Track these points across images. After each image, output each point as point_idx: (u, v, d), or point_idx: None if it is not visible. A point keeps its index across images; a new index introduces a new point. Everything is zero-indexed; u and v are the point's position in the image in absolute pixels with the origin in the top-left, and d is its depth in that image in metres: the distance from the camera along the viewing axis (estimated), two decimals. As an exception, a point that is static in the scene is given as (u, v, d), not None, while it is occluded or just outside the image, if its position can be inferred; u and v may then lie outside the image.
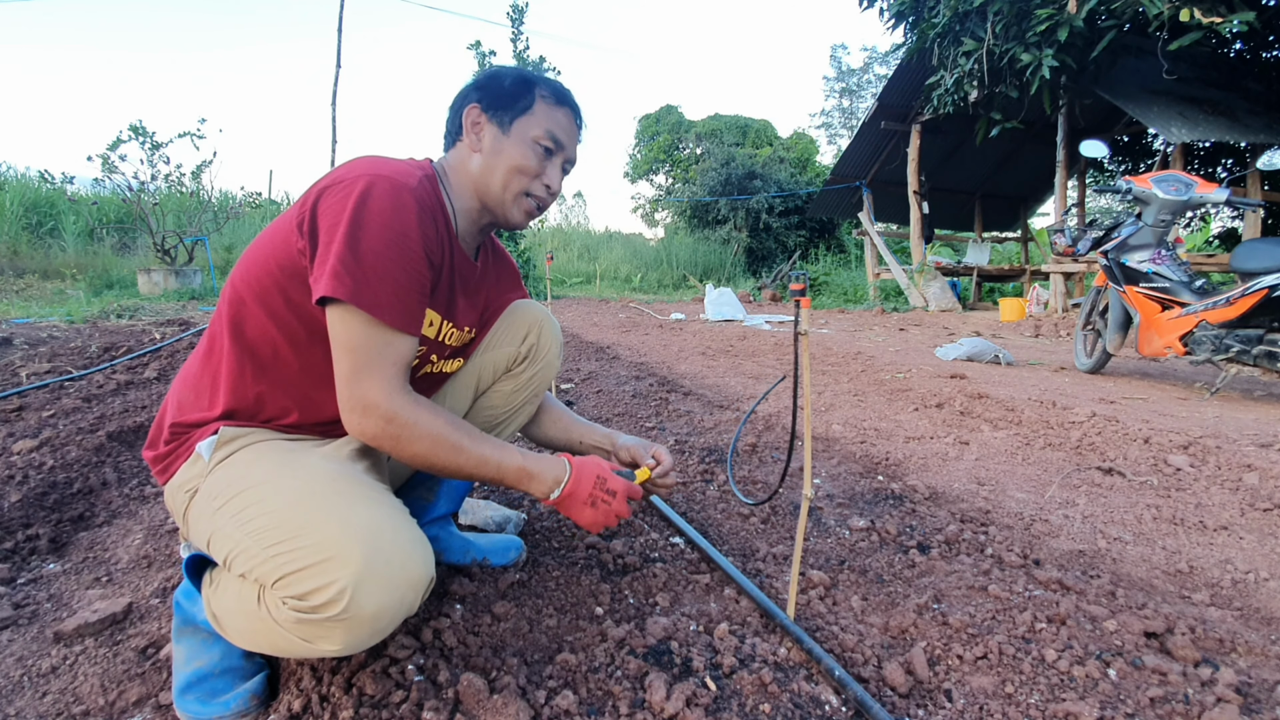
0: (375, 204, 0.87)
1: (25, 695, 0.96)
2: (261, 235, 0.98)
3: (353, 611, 0.74)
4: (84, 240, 9.86)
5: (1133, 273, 3.32)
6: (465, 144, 1.06)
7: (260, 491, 0.84)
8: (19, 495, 1.64)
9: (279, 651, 0.82)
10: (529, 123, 1.05)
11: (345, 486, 0.85)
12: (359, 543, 0.76)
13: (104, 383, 2.98)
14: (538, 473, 1.00)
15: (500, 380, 1.27)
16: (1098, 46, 5.54)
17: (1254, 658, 1.04)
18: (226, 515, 0.84)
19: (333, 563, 0.75)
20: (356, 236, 0.86)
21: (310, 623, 0.75)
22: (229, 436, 0.92)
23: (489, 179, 1.04)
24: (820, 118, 28.90)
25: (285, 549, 0.77)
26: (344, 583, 0.74)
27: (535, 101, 1.05)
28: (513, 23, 11.39)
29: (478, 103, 1.05)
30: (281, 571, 0.76)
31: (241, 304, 0.95)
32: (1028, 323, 6.70)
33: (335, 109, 9.53)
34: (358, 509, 0.81)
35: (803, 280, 0.97)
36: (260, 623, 0.80)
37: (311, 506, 0.80)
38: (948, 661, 1.02)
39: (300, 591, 0.75)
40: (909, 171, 9.10)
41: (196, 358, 1.00)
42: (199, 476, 0.91)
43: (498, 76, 1.06)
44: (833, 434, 2.44)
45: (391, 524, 0.81)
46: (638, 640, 1.04)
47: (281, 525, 0.79)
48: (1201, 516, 1.63)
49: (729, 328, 6.46)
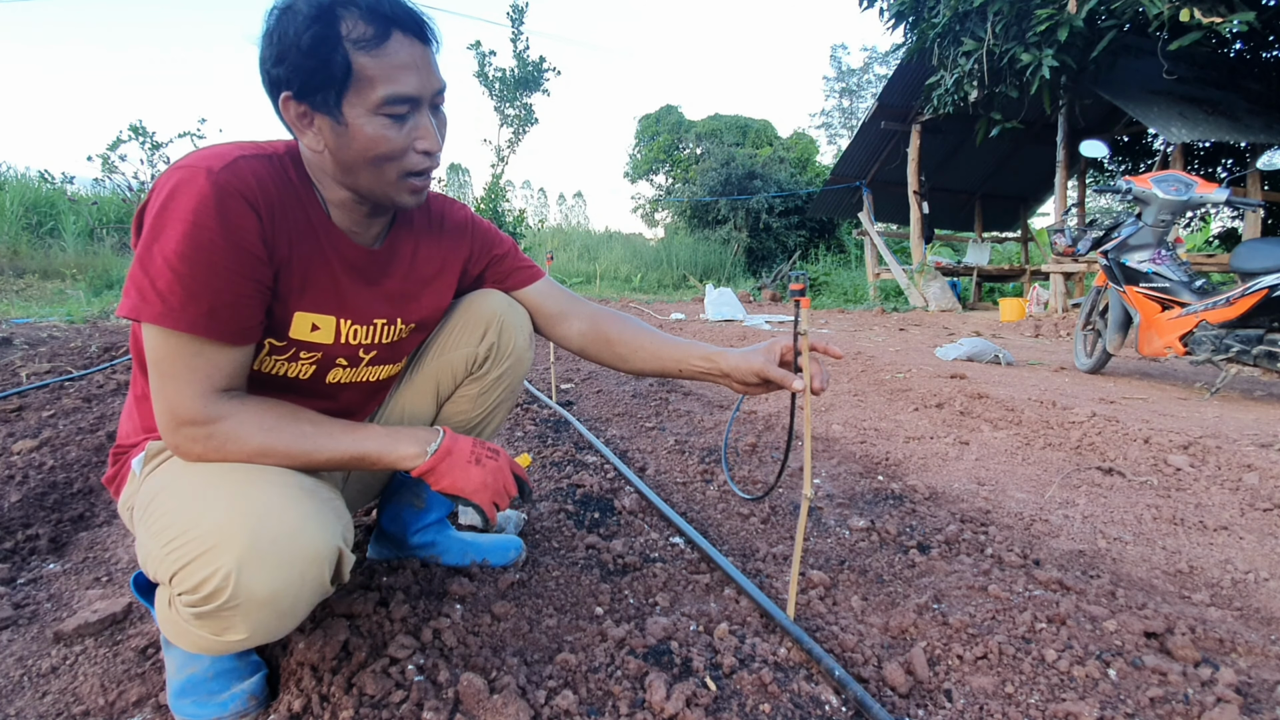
0: (177, 203, 0.75)
1: (25, 695, 0.96)
2: None
3: (243, 596, 0.71)
4: (84, 240, 9.86)
5: (1133, 273, 3.32)
6: (305, 140, 0.85)
7: (164, 495, 0.82)
8: (19, 495, 1.64)
9: (202, 649, 0.82)
10: (361, 95, 0.79)
11: (243, 475, 0.79)
12: (242, 527, 0.72)
13: (104, 383, 2.98)
14: (402, 439, 0.89)
15: (463, 385, 1.14)
16: (1098, 46, 5.54)
17: (1254, 658, 1.04)
18: (141, 524, 0.84)
19: (214, 551, 0.71)
20: (151, 244, 0.75)
21: (207, 615, 0.74)
22: (155, 450, 0.91)
23: (351, 177, 0.86)
24: (820, 118, 28.91)
25: (175, 545, 0.74)
26: (227, 568, 0.70)
27: (350, 60, 0.78)
28: (513, 23, 11.40)
29: (288, 90, 0.80)
30: (173, 568, 0.74)
31: (135, 338, 0.91)
32: (1028, 323, 6.70)
33: (335, 109, 9.50)
34: (247, 493, 0.76)
35: (802, 280, 0.97)
36: (175, 624, 0.80)
37: (203, 500, 0.77)
38: (948, 661, 1.02)
39: (190, 585, 0.73)
40: (909, 171, 9.10)
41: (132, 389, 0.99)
42: (134, 493, 0.91)
43: (288, 38, 0.77)
44: (833, 434, 2.44)
45: (283, 501, 0.76)
46: (638, 640, 1.04)
47: (175, 523, 0.76)
48: (1201, 516, 1.63)
49: (729, 328, 6.46)
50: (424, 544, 1.29)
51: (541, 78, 11.75)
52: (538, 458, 2.05)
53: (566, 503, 1.65)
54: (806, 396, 1.00)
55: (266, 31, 0.80)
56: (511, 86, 11.65)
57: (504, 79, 11.61)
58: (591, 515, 1.59)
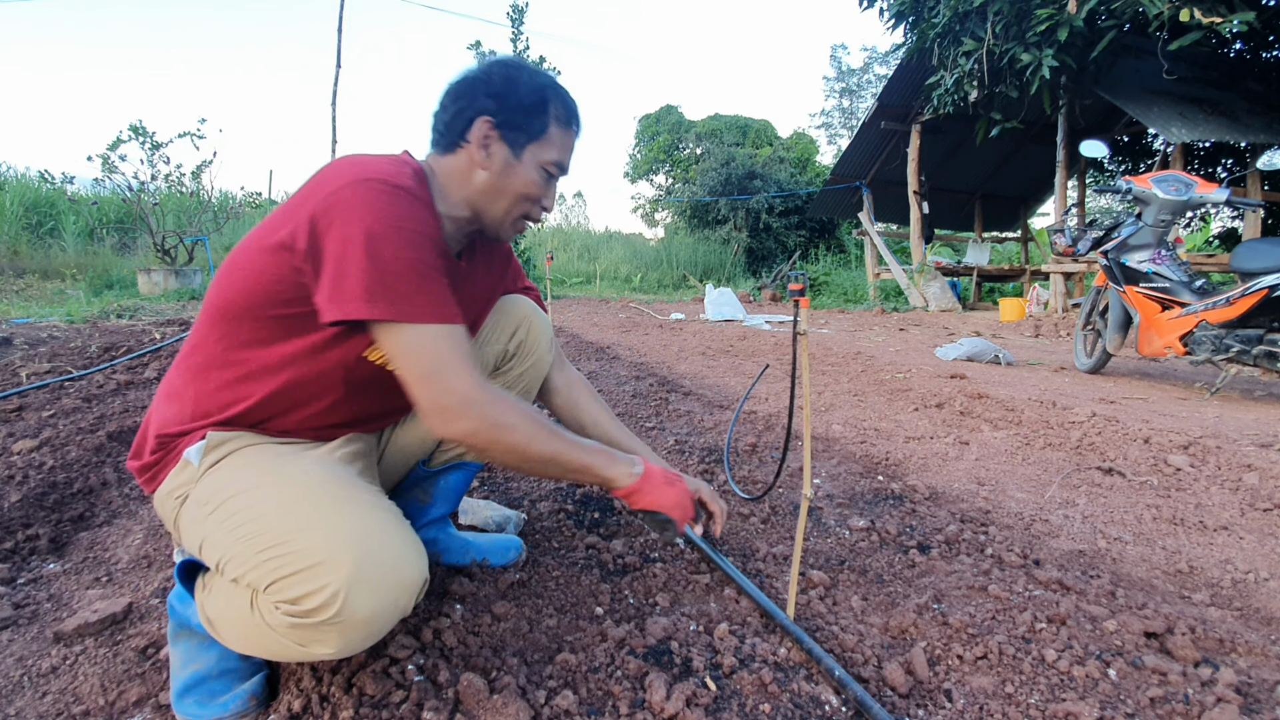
0: (380, 209, 0.84)
1: (25, 695, 0.96)
2: (245, 245, 0.94)
3: (346, 615, 0.74)
4: (84, 240, 9.86)
5: (1133, 273, 3.32)
6: (469, 156, 0.99)
7: (249, 497, 0.83)
8: (19, 495, 1.64)
9: (274, 655, 0.82)
10: (542, 148, 1.01)
11: (335, 490, 0.84)
12: (349, 546, 0.76)
13: (104, 383, 2.98)
14: (616, 461, 1.04)
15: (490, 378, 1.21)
16: (1098, 46, 5.54)
17: (1254, 658, 1.04)
18: (216, 521, 0.84)
19: (323, 567, 0.75)
20: (374, 250, 0.82)
21: (304, 627, 0.75)
22: (217, 441, 0.91)
23: (493, 200, 1.01)
24: (820, 118, 28.89)
25: (275, 554, 0.77)
26: (336, 586, 0.73)
27: (549, 125, 1.01)
28: (513, 23, 11.39)
29: (491, 117, 0.97)
30: (273, 576, 0.76)
31: (226, 314, 0.92)
32: (1028, 323, 6.70)
33: (335, 109, 9.52)
34: (347, 512, 0.80)
35: (802, 280, 0.97)
36: (254, 628, 0.80)
37: (300, 510, 0.80)
38: (948, 661, 1.02)
39: (293, 596, 0.75)
40: (909, 171, 9.10)
41: (180, 366, 0.97)
42: (188, 482, 0.90)
43: (515, 89, 0.98)
44: (833, 434, 2.44)
45: (381, 526, 0.80)
46: (638, 640, 1.04)
47: (271, 530, 0.79)
48: (1201, 516, 1.63)
49: (729, 328, 6.46)
50: (426, 540, 1.29)
51: (541, 78, 11.71)
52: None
53: (566, 502, 1.65)
54: (806, 397, 1.00)
55: (487, 74, 1.00)
56: (511, 86, 11.61)
57: (504, 79, 11.57)
58: (591, 515, 1.59)
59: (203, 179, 9.19)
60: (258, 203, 11.27)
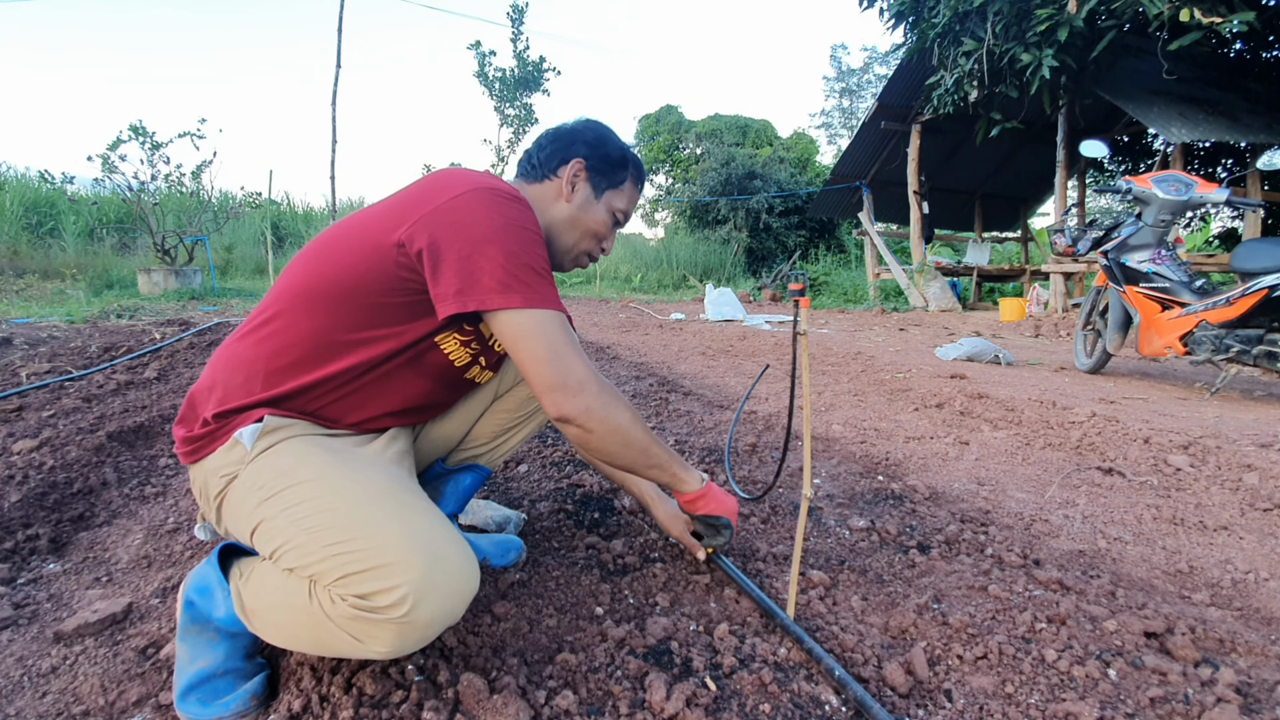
0: (503, 212, 0.94)
1: (25, 695, 0.96)
2: (345, 233, 0.99)
3: (412, 617, 0.76)
4: (84, 240, 9.87)
5: (1133, 273, 3.32)
6: (555, 188, 1.14)
7: (314, 488, 0.85)
8: (19, 495, 1.64)
9: (320, 648, 0.82)
10: (616, 196, 1.18)
11: (401, 493, 0.87)
12: (420, 551, 0.79)
13: (104, 383, 2.98)
14: (689, 469, 1.15)
15: (519, 385, 1.30)
16: (1098, 46, 5.54)
17: (1254, 658, 1.04)
18: (277, 508, 0.84)
19: (395, 568, 0.77)
20: (503, 246, 0.92)
21: (368, 621, 0.77)
22: (273, 426, 0.92)
23: (568, 230, 1.15)
24: (820, 118, 28.91)
25: (346, 549, 0.79)
26: (408, 588, 0.76)
27: (626, 180, 1.19)
28: (513, 23, 11.40)
29: (584, 160, 1.14)
30: (343, 570, 0.78)
31: (324, 295, 0.96)
32: (1028, 323, 6.70)
33: (335, 109, 9.52)
34: (414, 517, 0.83)
35: (802, 280, 0.98)
36: (307, 617, 0.80)
37: (371, 509, 0.83)
38: (948, 661, 1.02)
39: (363, 591, 0.77)
40: (909, 171, 9.09)
41: (250, 339, 0.99)
42: (238, 463, 0.91)
43: (606, 144, 1.17)
44: (833, 434, 2.44)
45: (447, 536, 0.84)
46: (638, 640, 1.04)
47: (341, 525, 0.81)
48: (1201, 516, 1.63)
49: (729, 328, 6.46)
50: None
51: (541, 78, 11.74)
52: (538, 457, 2.05)
53: (566, 503, 1.65)
54: (806, 397, 1.00)
55: (585, 127, 1.18)
56: (511, 86, 11.64)
57: (504, 79, 11.60)
58: (591, 515, 1.59)
59: (203, 179, 9.20)
60: (257, 203, 11.27)
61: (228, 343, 1.02)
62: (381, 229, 0.96)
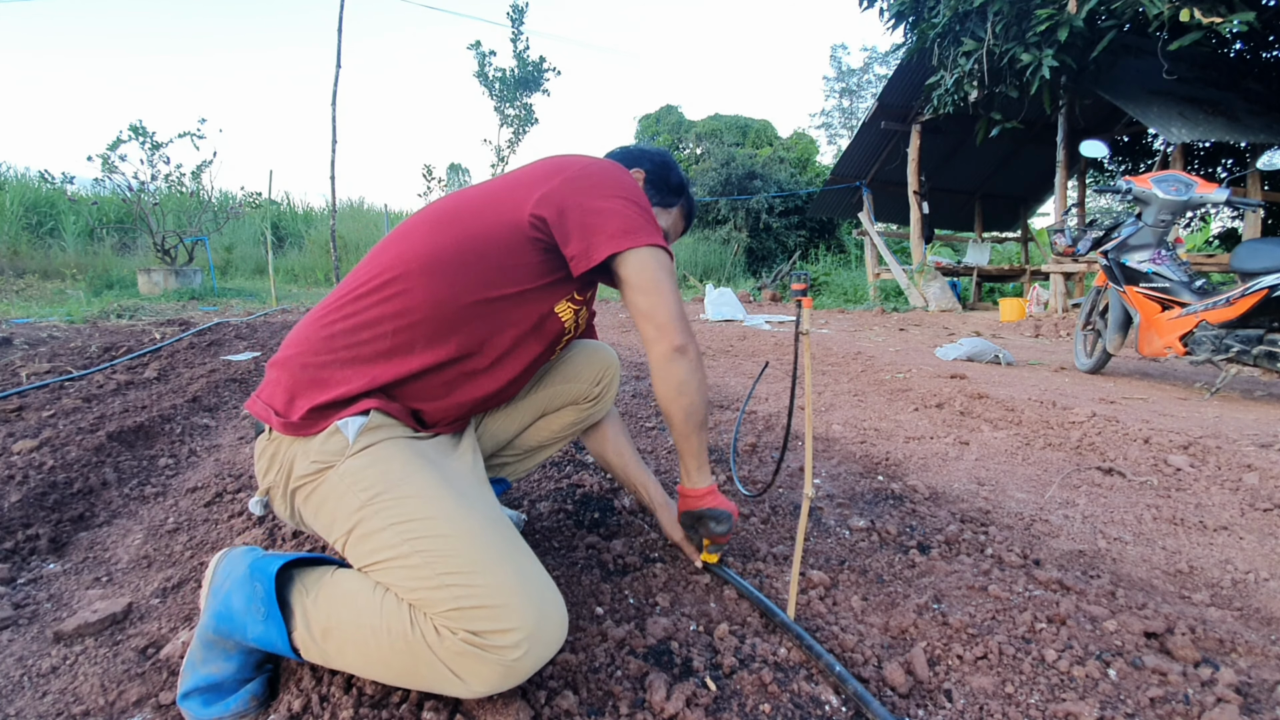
0: (620, 179, 1.05)
1: (25, 695, 0.96)
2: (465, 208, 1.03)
3: (522, 661, 0.77)
4: (84, 240, 9.87)
5: (1133, 273, 3.32)
6: None
7: (425, 506, 0.85)
8: (19, 495, 1.64)
9: (404, 679, 0.81)
10: (663, 215, 1.29)
11: (509, 533, 0.88)
12: (533, 596, 0.80)
13: (104, 383, 2.98)
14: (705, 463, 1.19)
15: (565, 409, 1.34)
16: (1098, 46, 5.54)
17: (1254, 658, 1.04)
18: (385, 518, 0.83)
19: (512, 610, 0.77)
20: (635, 199, 1.04)
21: (476, 659, 0.76)
22: (376, 424, 0.91)
23: None
24: (820, 118, 28.92)
25: (463, 581, 0.79)
26: (524, 633, 0.77)
27: (676, 207, 1.31)
28: (513, 23, 11.41)
29: (645, 172, 1.26)
30: (458, 604, 0.77)
31: (435, 267, 0.97)
32: (1028, 323, 6.70)
33: (335, 109, 9.52)
34: (524, 560, 0.85)
35: (804, 280, 0.98)
36: (402, 644, 0.78)
37: (485, 545, 0.83)
38: (948, 661, 1.02)
39: (478, 629, 0.77)
40: (909, 171, 9.10)
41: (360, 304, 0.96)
42: (336, 454, 0.88)
43: (670, 170, 1.29)
44: (833, 434, 2.44)
45: (549, 582, 0.85)
46: (638, 640, 1.04)
47: (457, 555, 0.81)
48: (1201, 516, 1.63)
49: (729, 328, 6.46)
50: None
51: (541, 78, 11.75)
52: (538, 458, 2.04)
53: (566, 503, 1.65)
54: (808, 397, 1.00)
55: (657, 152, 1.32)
56: (511, 86, 11.65)
57: (504, 79, 11.61)
58: (591, 515, 1.59)
59: (203, 179, 9.20)
60: (257, 203, 11.26)
61: (324, 310, 0.99)
62: (513, 201, 1.02)
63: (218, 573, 0.97)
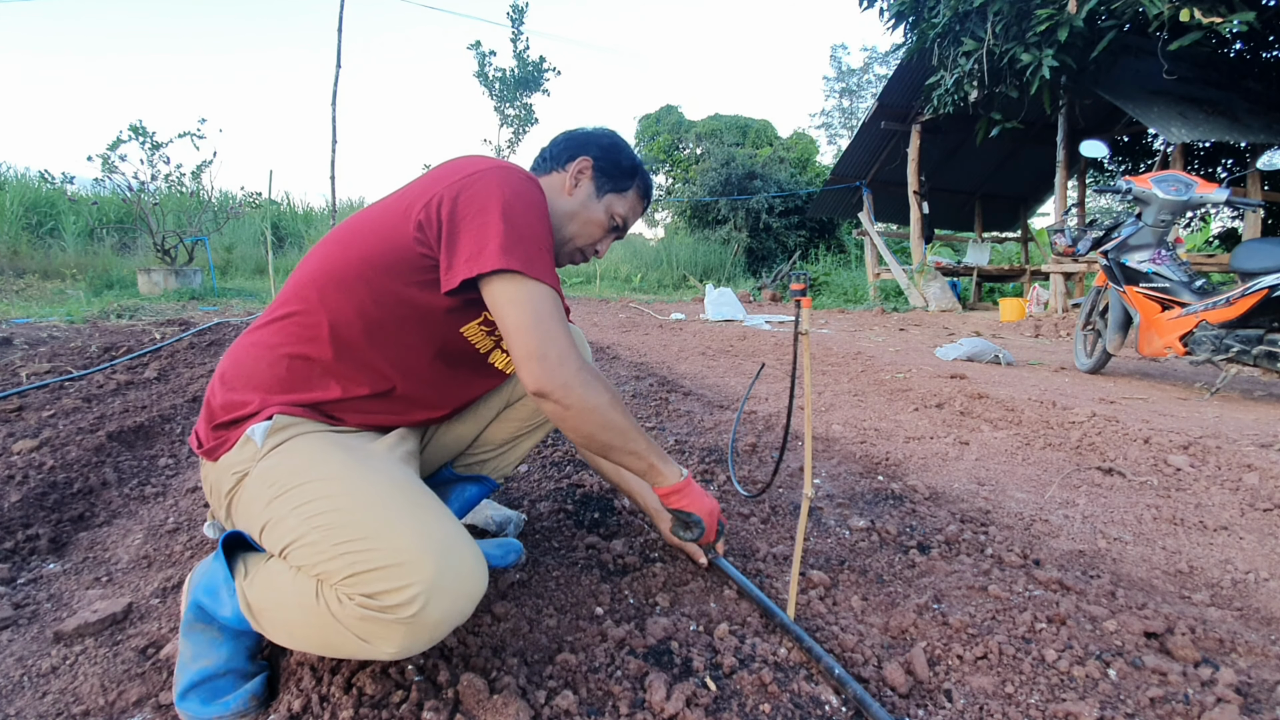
0: (516, 187, 0.97)
1: (25, 695, 0.96)
2: (361, 225, 1.01)
3: (422, 617, 0.76)
4: (84, 240, 9.86)
5: (1133, 273, 3.32)
6: (560, 180, 1.17)
7: (325, 486, 0.85)
8: (19, 495, 1.64)
9: (324, 649, 0.82)
10: (617, 201, 1.20)
11: (412, 494, 0.87)
12: (432, 552, 0.78)
13: (104, 383, 2.98)
14: (669, 460, 1.12)
15: (528, 398, 1.31)
16: (1098, 46, 5.53)
17: (1254, 658, 1.04)
18: (288, 506, 0.84)
19: (406, 567, 0.76)
20: (511, 216, 0.94)
21: (376, 621, 0.76)
22: (283, 424, 0.93)
23: (564, 224, 1.16)
24: (820, 118, 28.89)
25: (357, 548, 0.78)
26: (419, 588, 0.75)
27: (631, 189, 1.21)
28: (513, 23, 11.42)
29: (592, 160, 1.17)
30: (352, 569, 0.77)
31: (332, 286, 0.97)
32: (1028, 323, 6.70)
33: (335, 109, 9.52)
34: (427, 518, 0.83)
35: (803, 280, 0.97)
36: (314, 617, 0.79)
37: (383, 509, 0.82)
38: (948, 661, 1.02)
39: (372, 591, 0.76)
40: (909, 171, 9.09)
41: (263, 332, 0.99)
42: (249, 460, 0.91)
43: (618, 151, 1.20)
44: (833, 434, 2.44)
45: (458, 537, 0.83)
46: (638, 640, 1.04)
47: (352, 523, 0.80)
48: (1201, 516, 1.63)
49: (729, 328, 6.46)
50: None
51: (541, 78, 11.75)
52: (538, 458, 2.05)
53: (566, 503, 1.65)
54: (807, 397, 1.00)
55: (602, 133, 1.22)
56: (511, 86, 11.65)
57: (504, 79, 11.61)
58: (591, 515, 1.59)
59: (203, 179, 9.20)
60: (257, 203, 11.26)
61: (243, 338, 1.02)
62: (401, 211, 0.98)
63: (191, 577, 0.99)
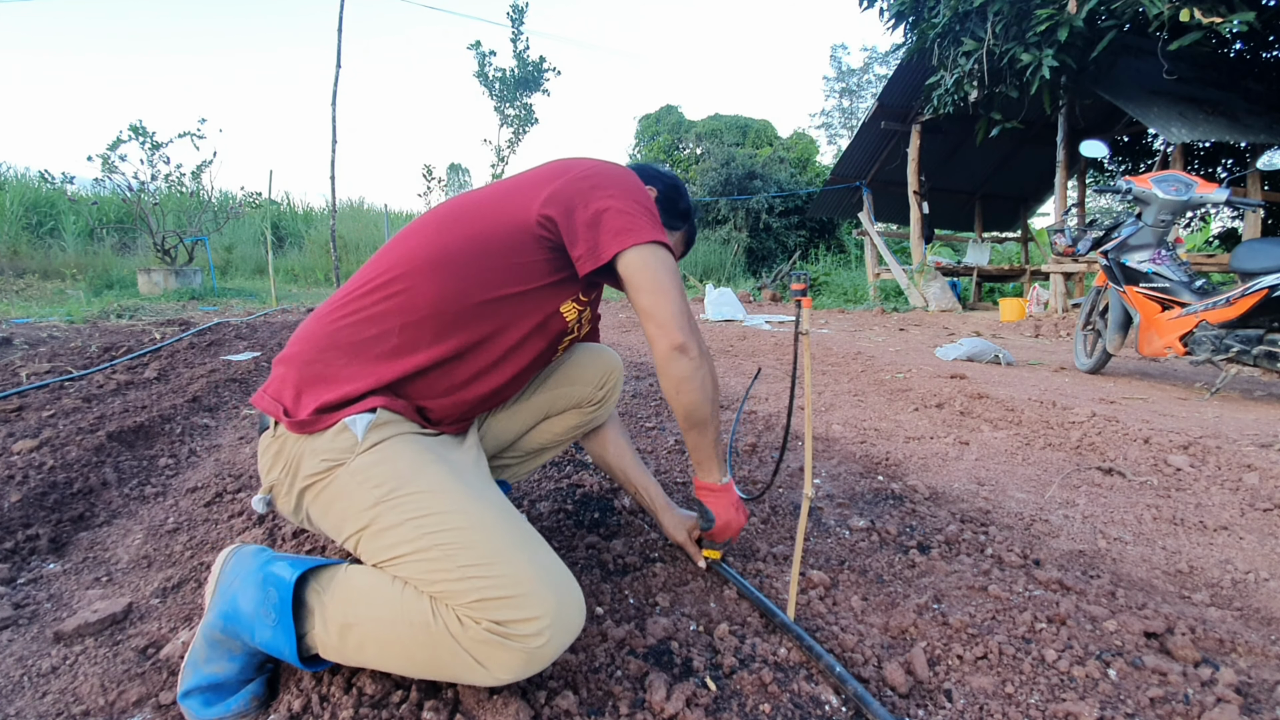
0: (628, 182, 1.05)
1: (25, 695, 0.96)
2: (473, 208, 1.04)
3: (545, 647, 0.78)
4: (84, 240, 9.87)
5: (1133, 273, 3.32)
6: None
7: (438, 501, 0.85)
8: (19, 495, 1.64)
9: (429, 670, 0.81)
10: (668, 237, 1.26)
11: (519, 522, 0.89)
12: (551, 585, 0.81)
13: (104, 383, 2.98)
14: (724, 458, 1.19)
15: (568, 412, 1.33)
16: (1098, 46, 5.53)
17: (1254, 658, 1.04)
18: (400, 514, 0.84)
19: (532, 599, 0.78)
20: (632, 198, 1.02)
21: (500, 647, 0.77)
22: (384, 420, 0.91)
23: None
24: (820, 118, 28.91)
25: (484, 573, 0.79)
26: (546, 621, 0.78)
27: (680, 231, 1.32)
28: (513, 23, 11.42)
29: (658, 192, 1.27)
30: (480, 595, 0.78)
31: (439, 265, 0.98)
32: (1028, 323, 6.70)
33: (335, 109, 9.52)
34: (539, 549, 0.85)
35: (804, 280, 0.98)
36: (424, 634, 0.79)
37: (500, 535, 0.83)
38: (948, 661, 1.02)
39: (502, 619, 0.77)
40: (909, 171, 9.09)
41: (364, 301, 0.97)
42: (346, 452, 0.88)
43: (679, 194, 1.31)
44: (833, 434, 2.44)
45: (565, 570, 0.86)
46: (638, 640, 1.04)
47: (474, 546, 0.81)
48: (1201, 516, 1.63)
49: (729, 328, 6.46)
50: None
51: (541, 78, 11.76)
52: (538, 458, 2.04)
53: (566, 503, 1.65)
54: (808, 397, 1.00)
55: (669, 174, 1.33)
56: (511, 86, 11.66)
57: (504, 79, 11.62)
58: (591, 515, 1.59)
59: (203, 179, 9.21)
60: (258, 203, 11.26)
61: (331, 307, 0.99)
62: (521, 200, 1.03)
63: (225, 571, 0.96)
